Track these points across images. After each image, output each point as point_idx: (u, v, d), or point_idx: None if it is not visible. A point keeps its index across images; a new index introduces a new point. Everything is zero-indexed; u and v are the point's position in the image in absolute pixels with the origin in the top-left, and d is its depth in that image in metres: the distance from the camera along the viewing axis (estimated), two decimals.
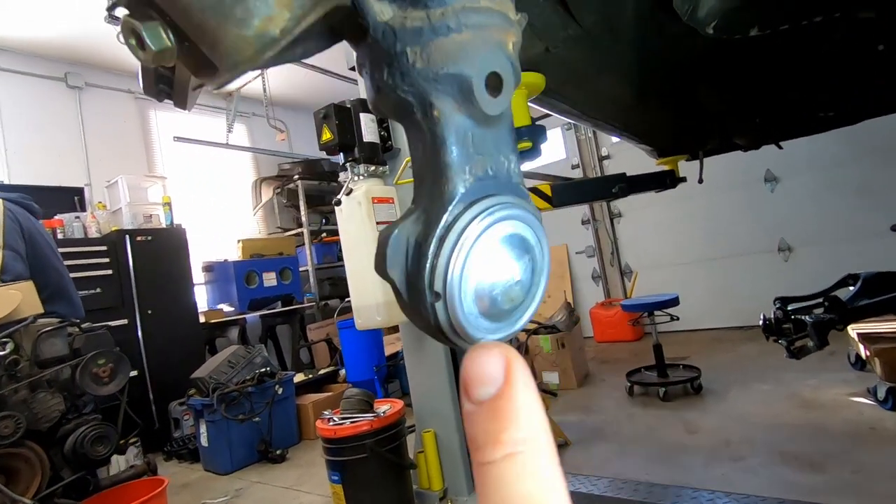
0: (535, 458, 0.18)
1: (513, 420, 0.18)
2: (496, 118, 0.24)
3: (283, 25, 0.20)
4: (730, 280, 4.72)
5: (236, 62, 0.20)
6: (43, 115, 4.49)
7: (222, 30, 0.20)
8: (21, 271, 2.34)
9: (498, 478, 0.17)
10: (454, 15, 0.22)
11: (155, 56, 0.22)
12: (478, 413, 0.19)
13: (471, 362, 0.19)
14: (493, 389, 0.19)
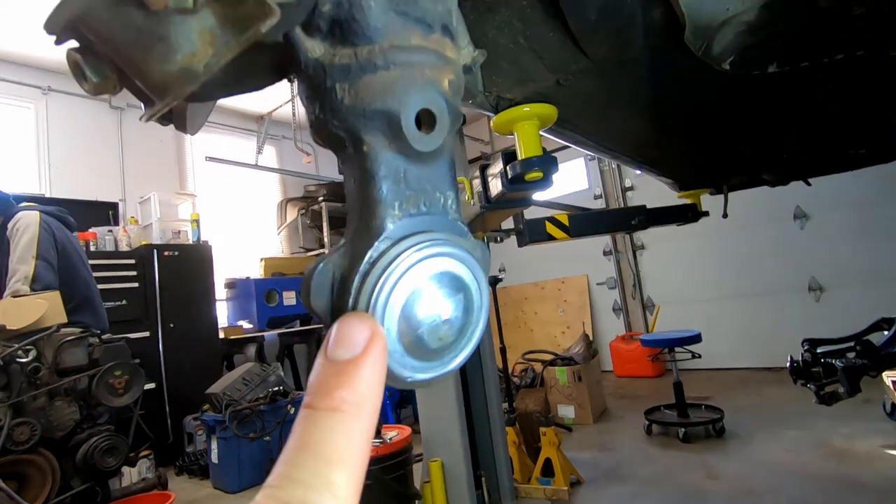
0: (352, 420, 0.20)
1: (350, 384, 0.20)
2: (432, 154, 0.24)
3: (206, 61, 0.20)
4: (756, 319, 4.55)
5: (162, 94, 0.21)
6: (86, 134, 4.73)
7: (147, 64, 0.20)
8: (51, 281, 2.43)
9: (315, 422, 0.20)
10: (381, 53, 0.22)
11: (95, 87, 0.23)
12: (326, 366, 0.21)
13: (342, 324, 0.22)
14: (348, 354, 0.21)
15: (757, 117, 1.72)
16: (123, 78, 0.23)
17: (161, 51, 0.20)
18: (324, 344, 0.22)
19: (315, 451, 0.19)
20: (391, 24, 0.22)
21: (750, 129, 1.80)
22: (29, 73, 4.47)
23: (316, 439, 0.19)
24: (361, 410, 0.20)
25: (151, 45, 0.20)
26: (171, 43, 0.20)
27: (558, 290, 5.76)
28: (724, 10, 1.07)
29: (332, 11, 0.22)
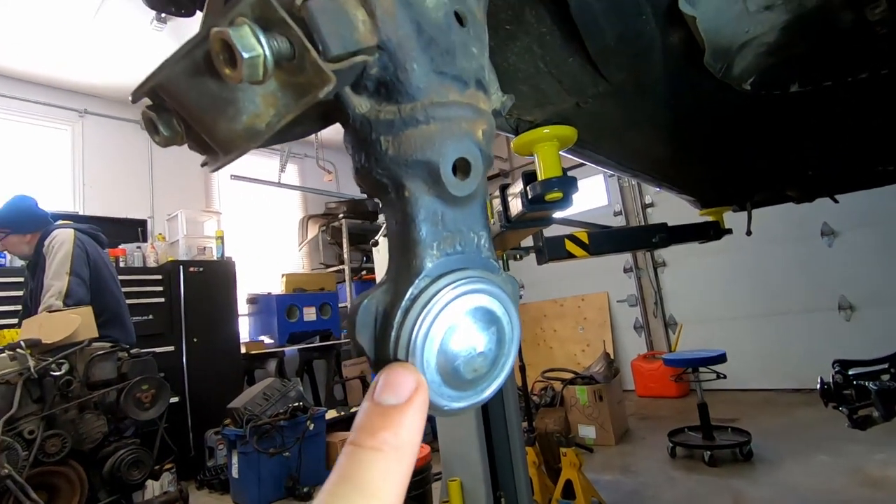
0: (392, 461, 0.21)
1: (394, 427, 0.22)
2: (466, 198, 0.26)
3: (268, 121, 0.23)
4: (783, 339, 4.43)
5: (228, 150, 0.23)
6: (118, 154, 4.92)
7: (217, 124, 0.23)
8: (83, 297, 2.52)
9: (358, 459, 0.21)
10: (423, 109, 0.24)
11: (166, 140, 0.25)
12: (372, 409, 0.23)
13: (390, 372, 0.24)
14: (393, 400, 0.23)
15: (778, 135, 1.71)
16: (189, 132, 0.25)
17: (230, 113, 0.22)
18: (370, 389, 0.23)
19: (355, 485, 0.20)
20: (431, 83, 0.25)
21: (771, 147, 1.79)
22: (67, 97, 4.68)
23: (358, 475, 0.21)
24: (402, 453, 0.22)
25: (222, 107, 0.22)
26: (238, 106, 0.22)
27: (578, 307, 5.71)
28: (744, 32, 1.08)
29: (379, 74, 0.24)
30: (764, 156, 1.84)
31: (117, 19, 3.83)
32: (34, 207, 2.75)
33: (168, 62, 0.22)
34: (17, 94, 4.41)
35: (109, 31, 3.95)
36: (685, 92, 1.31)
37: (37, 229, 2.69)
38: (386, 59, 0.24)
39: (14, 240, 2.65)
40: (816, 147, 1.80)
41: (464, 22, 0.26)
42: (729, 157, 1.79)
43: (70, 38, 3.99)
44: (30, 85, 4.48)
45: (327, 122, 0.28)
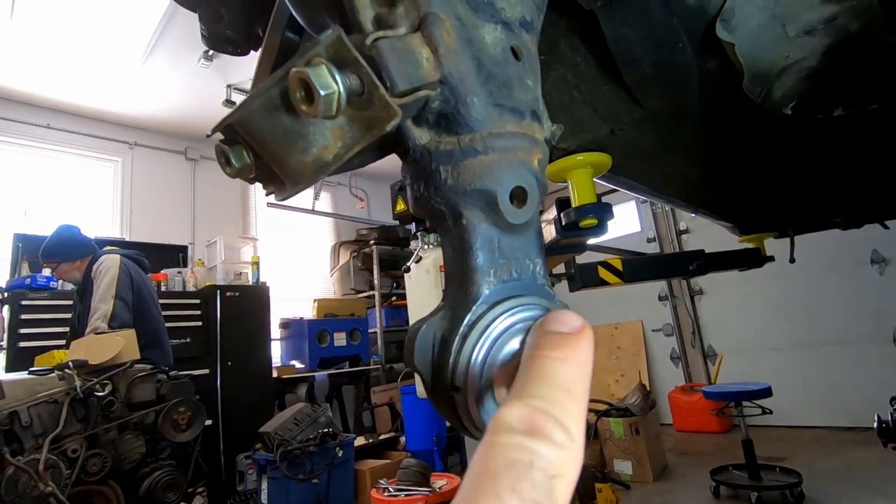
0: (578, 370, 0.21)
1: (572, 346, 0.22)
2: (522, 226, 0.27)
3: (336, 152, 0.24)
4: (833, 372, 4.18)
5: (297, 181, 0.25)
6: (163, 183, 5.17)
7: (288, 156, 0.24)
8: (126, 319, 2.62)
9: (546, 365, 0.21)
10: (482, 140, 0.25)
11: (237, 171, 0.27)
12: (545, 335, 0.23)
13: (559, 313, 0.24)
14: (569, 329, 0.23)
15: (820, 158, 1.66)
16: (258, 164, 0.27)
17: (300, 146, 0.24)
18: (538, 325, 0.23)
19: (551, 381, 0.20)
20: (490, 115, 0.25)
21: (813, 171, 1.73)
22: (119, 130, 4.98)
23: (550, 374, 0.21)
24: (582, 367, 0.21)
25: (293, 141, 0.23)
26: (309, 139, 0.23)
27: (611, 335, 5.56)
28: (784, 57, 1.07)
29: (440, 107, 0.25)
30: (805, 180, 1.79)
31: (167, 58, 4.08)
32: (78, 235, 2.91)
33: (246, 102, 0.23)
34: (74, 128, 4.71)
35: (160, 68, 4.21)
36: (723, 117, 1.29)
37: (84, 255, 2.83)
38: (447, 93, 0.25)
39: (65, 267, 2.80)
40: (861, 171, 1.74)
41: (519, 56, 0.27)
42: (768, 182, 1.74)
43: (123, 76, 4.27)
44: (85, 119, 4.79)
45: (386, 153, 0.29)
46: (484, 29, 0.26)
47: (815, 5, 0.97)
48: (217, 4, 0.60)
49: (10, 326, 3.30)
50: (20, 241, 3.89)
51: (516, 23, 0.27)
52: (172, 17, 3.55)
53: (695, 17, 0.95)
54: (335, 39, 0.21)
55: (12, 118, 4.39)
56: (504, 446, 0.18)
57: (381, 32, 0.23)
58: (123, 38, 3.80)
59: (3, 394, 1.96)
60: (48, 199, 4.53)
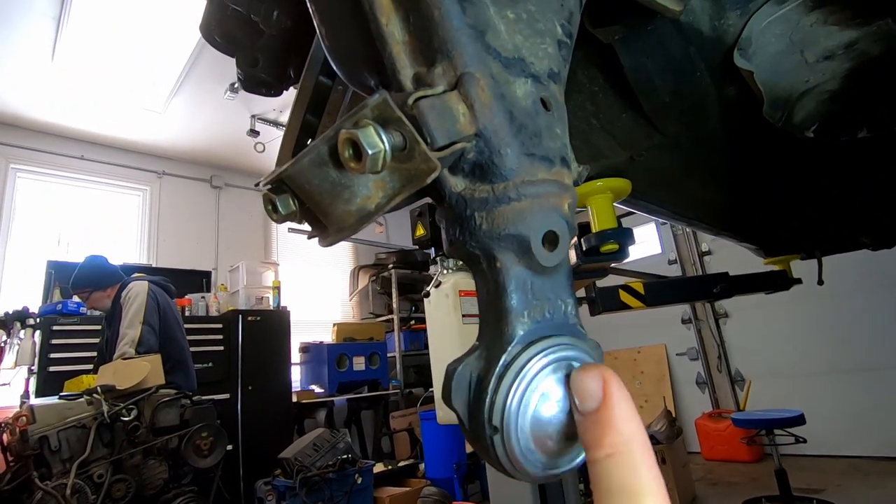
0: (631, 456, 0.22)
1: (611, 427, 0.23)
2: (554, 268, 0.28)
3: (377, 202, 0.25)
4: (872, 398, 4.01)
5: (341, 229, 0.26)
6: (189, 210, 5.32)
7: (333, 206, 0.26)
8: (153, 345, 2.67)
9: (602, 472, 0.22)
10: (515, 188, 0.26)
11: (283, 217, 0.29)
12: (585, 422, 0.24)
13: (576, 381, 0.25)
14: (594, 403, 0.24)
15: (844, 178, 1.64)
16: (304, 211, 0.29)
17: (345, 196, 0.25)
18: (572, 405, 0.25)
19: (616, 493, 0.21)
20: (522, 164, 0.27)
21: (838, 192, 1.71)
22: (148, 160, 5.18)
23: (612, 483, 0.22)
24: (633, 444, 0.22)
25: (339, 192, 0.25)
26: (353, 190, 0.25)
27: (633, 360, 5.44)
28: (803, 81, 1.07)
29: (476, 157, 0.26)
30: (825, 199, 1.76)
31: (195, 92, 4.26)
32: (106, 264, 3.02)
33: (297, 158, 0.25)
34: (107, 159, 4.92)
35: (188, 101, 4.38)
36: (743, 140, 1.29)
37: (114, 283, 2.92)
38: (482, 144, 0.26)
39: (97, 296, 2.89)
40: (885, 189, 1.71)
41: (548, 106, 0.28)
42: (787, 202, 1.72)
43: (153, 109, 4.45)
44: (117, 150, 5.00)
45: (420, 198, 0.30)
46: (515, 84, 0.28)
47: (834, 32, 0.98)
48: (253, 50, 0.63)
49: (41, 351, 3.39)
50: (53, 268, 4.03)
51: (545, 75, 0.29)
52: (200, 54, 3.71)
53: (712, 47, 0.97)
54: (381, 101, 0.23)
55: (49, 150, 4.60)
56: None
57: (421, 92, 0.25)
58: (154, 74, 3.98)
59: (34, 418, 2.01)
60: (80, 227, 4.70)
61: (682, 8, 0.67)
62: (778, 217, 1.87)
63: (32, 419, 2.01)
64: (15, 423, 2.00)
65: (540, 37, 0.29)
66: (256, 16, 0.55)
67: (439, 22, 0.25)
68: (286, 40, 0.61)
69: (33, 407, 2.07)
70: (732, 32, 0.97)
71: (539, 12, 0.29)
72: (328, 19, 0.30)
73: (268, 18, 0.55)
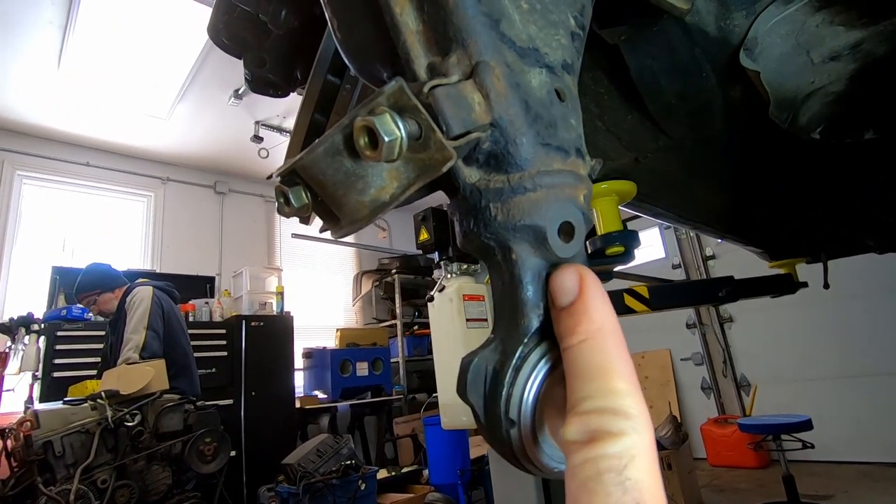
0: (603, 341, 0.23)
1: (584, 316, 0.24)
2: (569, 259, 0.27)
3: (392, 193, 0.25)
4: (881, 403, 3.96)
5: (354, 220, 0.26)
6: (193, 216, 5.34)
7: (347, 197, 0.25)
8: (157, 350, 2.67)
9: (574, 357, 0.23)
10: (530, 178, 0.26)
11: (296, 210, 0.28)
12: (561, 314, 0.25)
13: (555, 279, 0.26)
14: (570, 297, 0.25)
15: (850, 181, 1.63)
16: (316, 203, 0.28)
17: (359, 187, 0.25)
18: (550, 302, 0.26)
19: (587, 374, 0.22)
20: (538, 154, 0.26)
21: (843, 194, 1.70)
22: (153, 167, 5.20)
23: (584, 365, 0.23)
24: (605, 331, 0.24)
25: (353, 183, 0.25)
26: (367, 181, 0.25)
27: (638, 364, 5.41)
28: (809, 83, 1.06)
29: (491, 147, 0.26)
30: (836, 204, 1.75)
31: (199, 98, 4.28)
32: (111, 268, 3.06)
33: (312, 147, 0.25)
34: (112, 165, 4.94)
35: (192, 108, 4.41)
36: (749, 142, 1.29)
37: (121, 285, 2.95)
38: (497, 134, 0.26)
39: (106, 297, 2.90)
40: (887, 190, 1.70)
41: (563, 97, 0.28)
42: (798, 207, 1.71)
43: (158, 115, 4.48)
44: (122, 157, 5.02)
45: (433, 190, 0.30)
46: (530, 73, 0.27)
47: (840, 32, 0.98)
48: (261, 51, 0.63)
49: (46, 356, 3.40)
50: (58, 274, 4.04)
51: (559, 66, 0.29)
52: (205, 60, 3.74)
53: (717, 47, 0.96)
54: (397, 89, 0.23)
55: (55, 157, 4.63)
56: (574, 469, 0.19)
57: (437, 80, 0.24)
58: (159, 80, 4.01)
59: (38, 424, 2.01)
60: (84, 233, 4.72)
61: (690, 7, 0.66)
62: (782, 219, 1.86)
63: (37, 424, 2.00)
64: (19, 429, 1.99)
65: (553, 28, 0.29)
66: (265, 15, 0.55)
67: (454, 10, 0.25)
68: (293, 40, 0.61)
69: (37, 412, 2.07)
70: (738, 33, 0.96)
71: (553, 3, 0.29)
72: (340, 11, 0.30)
73: (276, 18, 0.55)
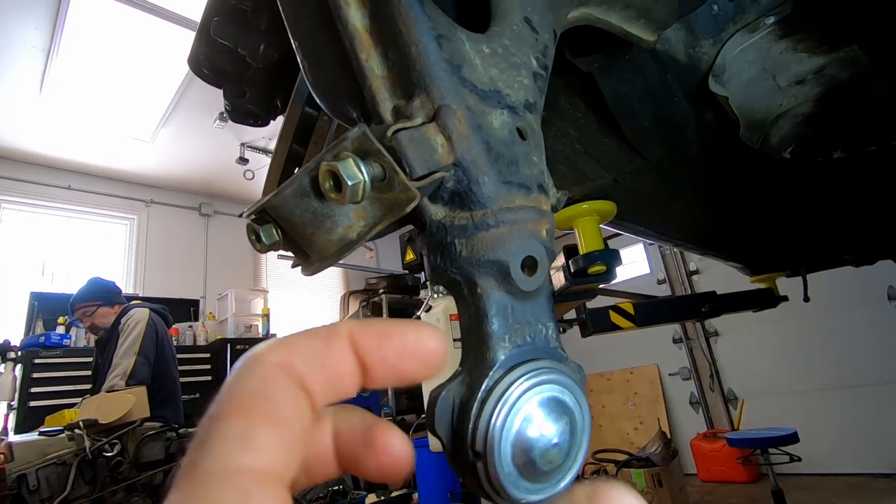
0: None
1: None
2: (534, 292, 0.28)
3: (359, 231, 0.26)
4: (863, 415, 4.01)
5: (323, 257, 0.26)
6: (177, 238, 5.29)
7: (315, 235, 0.26)
8: (145, 377, 2.57)
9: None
10: (493, 214, 0.27)
11: (266, 248, 0.29)
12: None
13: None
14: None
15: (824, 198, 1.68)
16: (287, 240, 0.29)
17: (327, 226, 0.26)
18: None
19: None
20: (500, 191, 0.28)
21: (819, 210, 1.75)
22: (136, 189, 5.16)
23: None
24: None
25: (321, 222, 0.26)
26: (335, 220, 0.26)
27: (627, 380, 5.42)
28: (777, 105, 1.10)
29: (454, 186, 0.27)
30: (811, 220, 1.80)
31: (184, 121, 4.28)
32: (115, 285, 3.00)
33: (280, 189, 0.25)
34: (94, 189, 4.89)
35: (177, 131, 4.40)
36: (724, 163, 1.32)
37: (120, 303, 2.88)
38: (461, 174, 0.27)
39: (104, 311, 2.81)
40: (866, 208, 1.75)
41: (525, 136, 0.29)
42: (775, 223, 1.75)
43: (143, 138, 4.46)
44: (105, 180, 4.98)
45: (402, 226, 0.31)
46: (492, 115, 0.29)
47: (804, 58, 1.02)
48: (241, 82, 0.64)
49: (22, 385, 3.30)
50: (37, 300, 3.96)
51: (521, 106, 0.30)
52: (190, 83, 3.75)
53: (688, 74, 1.00)
54: (361, 135, 0.24)
55: (36, 181, 4.57)
56: None
57: (400, 124, 0.25)
58: (143, 104, 4.01)
59: (12, 456, 1.94)
60: (65, 257, 4.64)
61: (656, 38, 0.69)
62: (760, 236, 1.90)
63: (10, 457, 1.93)
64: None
65: (516, 70, 0.30)
66: (244, 49, 0.56)
67: (416, 57, 0.27)
68: (274, 72, 0.62)
69: (11, 444, 2.00)
70: (707, 60, 1.00)
71: (514, 46, 0.31)
72: (311, 54, 0.31)
73: (254, 52, 0.56)
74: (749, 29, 0.96)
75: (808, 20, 0.95)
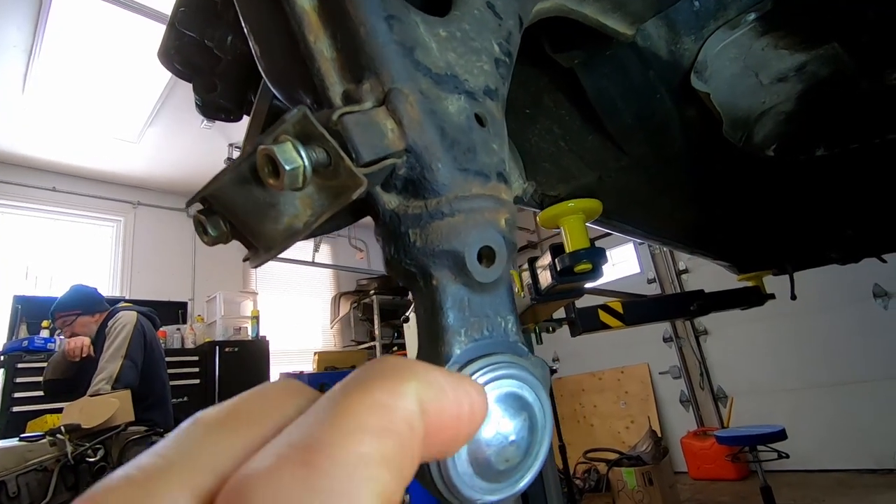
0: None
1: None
2: (492, 284, 0.27)
3: (306, 220, 0.25)
4: (850, 411, 4.05)
5: (269, 248, 0.25)
6: (164, 240, 5.23)
7: (261, 225, 0.25)
8: (132, 381, 2.52)
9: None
10: (448, 203, 0.26)
11: (213, 240, 0.28)
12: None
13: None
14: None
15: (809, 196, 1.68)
16: (234, 232, 0.28)
17: (271, 215, 0.24)
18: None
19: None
20: (455, 179, 0.26)
21: (803, 208, 1.76)
22: (123, 191, 5.10)
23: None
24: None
25: (265, 211, 0.24)
26: (279, 209, 0.24)
27: (618, 380, 5.44)
28: (760, 103, 1.11)
29: (407, 173, 0.26)
30: (797, 217, 1.81)
31: (171, 121, 4.24)
32: (97, 292, 2.91)
33: (218, 176, 0.24)
34: (79, 190, 4.82)
35: (164, 131, 4.36)
36: (709, 160, 1.32)
37: (102, 310, 2.81)
38: (413, 160, 0.26)
39: (84, 320, 2.74)
40: (851, 206, 1.77)
41: (484, 122, 0.28)
42: (761, 221, 1.76)
43: (129, 139, 4.41)
44: (90, 181, 4.91)
45: (358, 217, 0.30)
46: (448, 100, 0.27)
47: (785, 55, 1.02)
48: (211, 76, 0.63)
49: (5, 390, 3.24)
50: (20, 303, 3.89)
51: (480, 92, 0.29)
52: (176, 83, 3.71)
53: (670, 70, 1.00)
54: (301, 117, 0.23)
55: (19, 182, 4.50)
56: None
57: (347, 108, 0.24)
58: (129, 104, 3.96)
59: None
60: (49, 260, 4.57)
61: (634, 32, 0.69)
62: (746, 233, 1.91)
63: None
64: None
65: (475, 55, 0.29)
66: (210, 41, 0.55)
67: (365, 38, 0.25)
68: (245, 65, 0.61)
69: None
70: (689, 56, 1.00)
71: (474, 31, 0.30)
72: (261, 38, 0.30)
73: (222, 44, 0.55)
74: (730, 25, 0.96)
75: (788, 17, 0.95)
